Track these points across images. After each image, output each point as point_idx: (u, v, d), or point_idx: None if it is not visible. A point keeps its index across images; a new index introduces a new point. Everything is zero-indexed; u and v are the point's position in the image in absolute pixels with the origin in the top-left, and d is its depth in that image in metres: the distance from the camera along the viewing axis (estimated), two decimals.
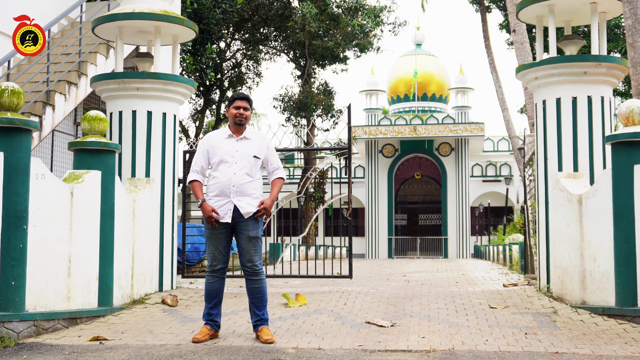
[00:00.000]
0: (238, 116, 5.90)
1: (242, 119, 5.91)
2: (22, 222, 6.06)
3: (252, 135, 5.99)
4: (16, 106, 6.16)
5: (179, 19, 8.61)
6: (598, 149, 8.00)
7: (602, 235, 6.89)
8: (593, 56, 8.00)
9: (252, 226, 5.82)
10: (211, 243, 5.85)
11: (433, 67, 42.18)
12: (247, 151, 5.87)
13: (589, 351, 5.41)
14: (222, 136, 5.97)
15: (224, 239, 5.85)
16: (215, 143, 5.93)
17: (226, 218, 5.79)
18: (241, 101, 5.94)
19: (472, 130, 37.14)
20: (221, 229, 5.82)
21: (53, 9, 12.16)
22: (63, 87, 10.46)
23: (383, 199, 39.01)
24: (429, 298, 8.31)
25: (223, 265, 5.88)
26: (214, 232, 5.83)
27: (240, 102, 5.94)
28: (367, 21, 27.59)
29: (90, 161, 7.09)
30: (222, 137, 5.96)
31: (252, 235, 5.81)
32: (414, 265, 19.34)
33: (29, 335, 6.05)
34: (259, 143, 5.96)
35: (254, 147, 5.92)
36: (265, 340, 5.67)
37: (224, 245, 5.86)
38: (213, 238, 5.83)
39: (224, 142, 5.92)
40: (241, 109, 5.92)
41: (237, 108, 5.92)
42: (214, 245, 5.84)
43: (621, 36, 22.43)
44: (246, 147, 5.90)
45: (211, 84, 25.19)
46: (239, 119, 5.90)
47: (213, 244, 5.84)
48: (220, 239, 5.83)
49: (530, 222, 12.37)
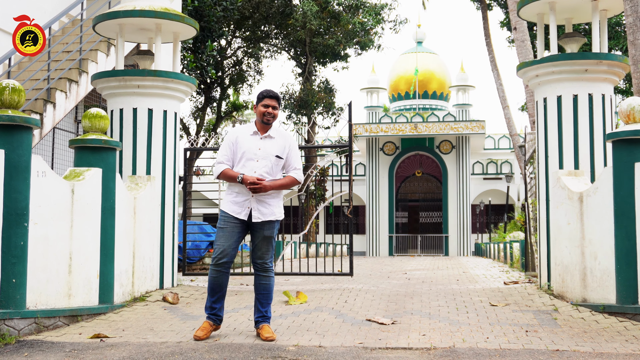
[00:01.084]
0: (266, 115, 5.79)
1: (269, 118, 5.80)
2: (23, 220, 6.07)
3: (277, 134, 5.89)
4: (17, 104, 6.16)
5: (180, 17, 8.61)
6: (599, 147, 8.00)
7: (602, 233, 6.89)
8: (594, 54, 7.99)
9: (268, 226, 5.80)
10: (223, 235, 5.76)
11: (434, 64, 42.15)
12: (269, 150, 5.80)
13: (589, 349, 5.41)
14: (247, 132, 5.87)
15: (238, 234, 5.79)
16: (240, 138, 5.84)
17: (242, 215, 5.75)
18: (270, 100, 5.81)
19: (473, 128, 37.11)
20: (236, 223, 5.77)
21: (54, 6, 12.15)
22: (64, 85, 10.46)
23: (384, 197, 39.00)
24: (429, 296, 8.31)
25: (229, 259, 5.80)
26: (228, 225, 5.77)
27: (269, 100, 5.81)
28: (368, 19, 27.59)
29: (91, 159, 7.09)
30: (247, 134, 5.85)
31: (267, 235, 5.80)
32: (415, 263, 19.35)
33: (29, 333, 6.05)
34: (282, 142, 5.87)
35: (277, 146, 5.83)
36: (266, 338, 5.67)
37: (235, 239, 5.79)
38: (227, 231, 5.76)
39: (248, 139, 5.82)
40: (270, 107, 5.79)
41: (265, 106, 5.80)
42: (225, 238, 5.76)
43: (622, 34, 22.40)
44: (269, 145, 5.82)
45: (212, 82, 25.19)
46: (266, 118, 5.79)
47: (225, 236, 5.76)
48: (234, 232, 5.77)
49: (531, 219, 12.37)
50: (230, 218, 5.79)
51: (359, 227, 40.95)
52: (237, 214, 5.76)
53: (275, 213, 5.82)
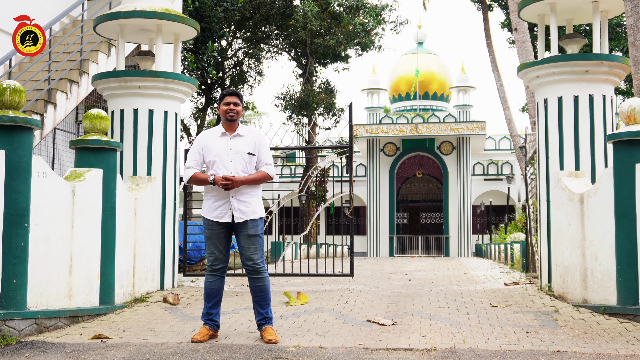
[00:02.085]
0: (229, 112, 5.84)
1: (233, 114, 5.84)
2: (23, 221, 6.07)
3: (245, 132, 5.93)
4: (17, 104, 6.17)
5: (181, 17, 8.61)
6: (599, 148, 7.99)
7: (603, 234, 6.88)
8: (595, 55, 7.99)
9: (251, 224, 5.78)
10: (211, 243, 5.82)
11: (434, 65, 42.15)
12: (241, 148, 5.83)
13: (590, 350, 5.40)
14: (215, 135, 5.90)
15: (224, 239, 5.83)
16: (209, 142, 5.87)
17: (225, 218, 5.76)
18: (230, 97, 5.89)
19: (474, 129, 37.11)
20: (221, 228, 5.80)
21: (54, 7, 12.16)
22: (64, 86, 10.46)
23: (384, 198, 39.00)
24: (430, 297, 8.31)
25: (223, 264, 5.85)
26: (213, 232, 5.81)
27: (229, 97, 5.88)
28: (369, 20, 27.58)
29: (92, 159, 7.10)
30: (216, 136, 5.89)
31: (251, 233, 5.77)
32: (416, 264, 19.35)
33: (30, 334, 6.05)
34: (252, 139, 5.89)
35: (248, 143, 5.86)
36: (269, 340, 5.65)
37: (223, 244, 5.83)
38: (213, 238, 5.81)
39: (218, 141, 5.86)
40: (231, 104, 5.85)
41: (227, 104, 5.86)
42: (214, 245, 5.82)
43: (623, 35, 22.39)
44: (240, 144, 5.84)
45: (212, 83, 25.19)
46: (230, 115, 5.84)
47: (213, 244, 5.82)
48: (220, 238, 5.81)
49: (532, 220, 12.37)
50: (213, 224, 5.81)
51: (359, 228, 40.94)
52: (219, 219, 5.77)
53: (256, 211, 5.82)
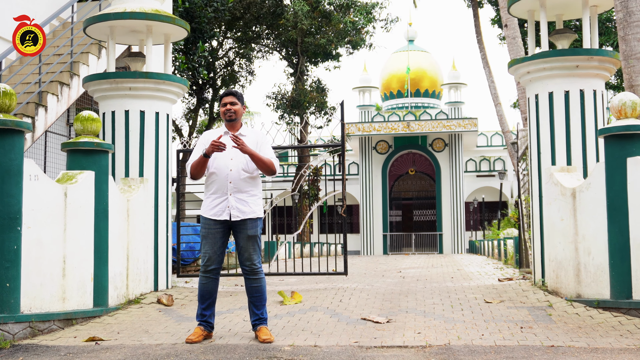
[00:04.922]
0: (227, 112, 5.87)
1: (231, 114, 5.86)
2: (16, 224, 6.04)
3: (248, 132, 5.96)
4: (8, 107, 6.14)
5: (171, 18, 8.59)
6: (591, 143, 8.02)
7: (596, 229, 6.91)
8: (585, 50, 8.02)
9: (250, 224, 5.77)
10: (207, 242, 5.79)
11: (426, 63, 42.20)
12: None
13: (584, 344, 5.42)
14: (217, 134, 5.91)
15: (221, 238, 5.80)
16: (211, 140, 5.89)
17: (223, 215, 5.75)
18: (227, 97, 5.91)
19: (466, 126, 37.15)
20: (218, 227, 5.78)
21: (44, 9, 12.11)
22: (55, 88, 10.43)
23: (377, 196, 39.03)
24: (424, 294, 8.32)
25: (217, 265, 5.83)
26: (210, 231, 5.79)
27: (226, 98, 5.91)
28: (359, 18, 27.61)
29: (84, 162, 7.08)
30: (218, 135, 5.91)
31: (251, 234, 5.76)
32: (409, 261, 19.37)
33: (24, 337, 6.03)
34: (254, 138, 5.91)
35: (250, 142, 5.85)
36: (264, 340, 5.65)
37: (220, 244, 5.81)
38: (209, 237, 5.79)
39: (222, 140, 5.85)
40: (228, 104, 5.87)
41: (224, 105, 5.90)
42: (210, 245, 5.79)
43: (613, 30, 22.47)
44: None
45: (204, 83, 25.16)
46: (228, 115, 5.87)
47: (209, 243, 5.79)
48: (215, 238, 5.79)
49: (525, 216, 12.40)
50: (210, 223, 5.79)
51: (353, 226, 40.95)
52: (217, 217, 5.76)
53: (255, 211, 5.81)
